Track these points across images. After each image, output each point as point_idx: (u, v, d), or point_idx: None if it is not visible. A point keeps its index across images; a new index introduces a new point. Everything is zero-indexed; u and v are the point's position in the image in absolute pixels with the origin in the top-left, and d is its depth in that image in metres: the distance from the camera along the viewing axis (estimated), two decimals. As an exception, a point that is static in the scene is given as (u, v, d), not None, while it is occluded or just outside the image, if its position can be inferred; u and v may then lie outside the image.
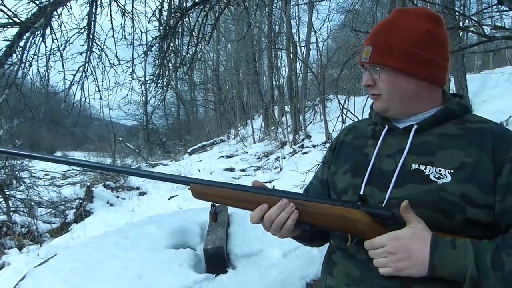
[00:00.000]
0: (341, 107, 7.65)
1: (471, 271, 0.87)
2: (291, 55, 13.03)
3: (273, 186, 1.08)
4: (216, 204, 1.17)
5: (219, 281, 2.10)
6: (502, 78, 9.64)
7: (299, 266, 2.23)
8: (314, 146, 11.21)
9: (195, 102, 25.44)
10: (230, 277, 2.11)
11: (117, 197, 9.72)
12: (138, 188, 10.67)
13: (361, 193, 1.05)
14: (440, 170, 0.98)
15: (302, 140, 12.30)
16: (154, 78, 4.21)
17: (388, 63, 1.05)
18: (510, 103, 7.75)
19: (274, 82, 15.32)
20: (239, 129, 17.01)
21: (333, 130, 8.41)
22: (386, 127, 1.11)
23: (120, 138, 16.87)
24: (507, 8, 4.02)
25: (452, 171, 0.97)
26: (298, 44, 14.58)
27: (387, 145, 1.09)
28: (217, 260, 2.21)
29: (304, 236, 1.14)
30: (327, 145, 10.04)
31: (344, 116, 7.59)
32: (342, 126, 7.94)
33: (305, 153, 10.96)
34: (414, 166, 1.01)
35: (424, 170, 1.00)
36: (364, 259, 1.02)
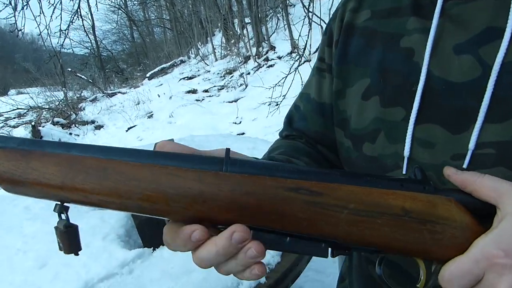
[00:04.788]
0: (306, 11, 6.87)
1: None
2: (247, -45, 11.60)
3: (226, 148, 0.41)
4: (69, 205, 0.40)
5: (158, 257, 1.47)
6: None
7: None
8: (279, 57, 10.42)
9: (150, 22, 23.57)
10: (172, 251, 1.51)
11: (70, 134, 8.89)
12: (93, 122, 9.81)
13: (409, 137, 0.50)
14: None
15: (266, 52, 11.43)
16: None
17: None
18: None
19: (231, -10, 13.91)
20: (199, 47, 15.82)
21: (299, 36, 7.60)
22: None
23: (70, 69, 15.45)
24: None
25: None
26: None
27: (456, 24, 0.49)
28: (154, 229, 1.58)
29: None
30: (294, 55, 9.23)
31: (310, 20, 6.85)
32: (309, 31, 7.15)
33: (271, 66, 10.21)
34: None
35: None
36: None
